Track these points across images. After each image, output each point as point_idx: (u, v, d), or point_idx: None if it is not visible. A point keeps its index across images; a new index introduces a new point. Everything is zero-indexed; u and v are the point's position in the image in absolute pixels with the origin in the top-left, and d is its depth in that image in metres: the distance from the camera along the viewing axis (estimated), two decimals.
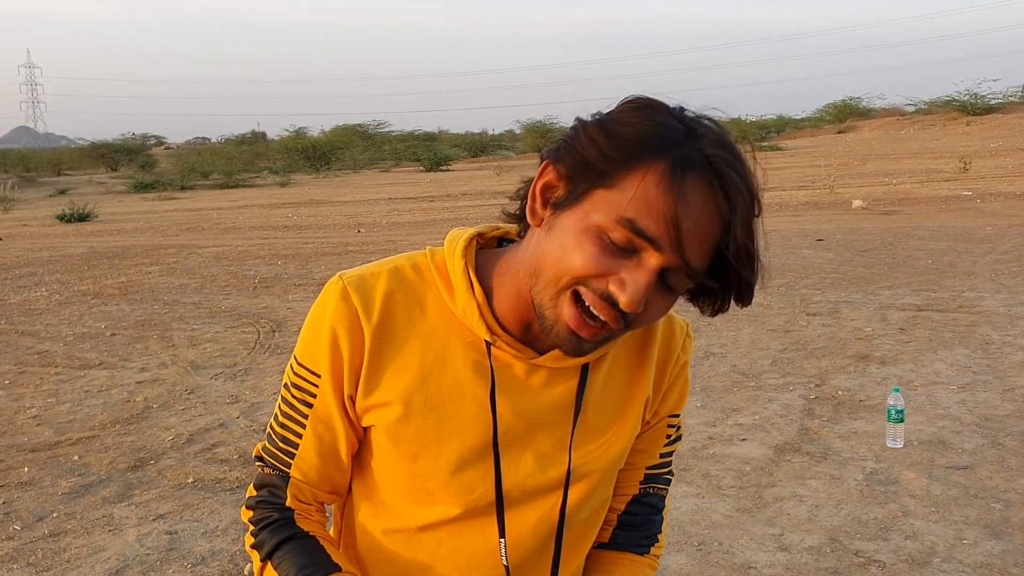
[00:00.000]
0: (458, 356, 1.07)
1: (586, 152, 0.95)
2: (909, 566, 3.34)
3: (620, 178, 0.93)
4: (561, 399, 1.10)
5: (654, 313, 0.99)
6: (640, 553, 1.25)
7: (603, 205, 0.94)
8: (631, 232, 0.92)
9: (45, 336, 7.79)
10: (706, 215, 0.93)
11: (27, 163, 47.74)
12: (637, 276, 0.93)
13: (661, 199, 0.91)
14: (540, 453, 1.10)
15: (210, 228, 17.51)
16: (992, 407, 5.03)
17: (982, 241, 11.02)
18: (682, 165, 0.92)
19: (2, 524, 4.01)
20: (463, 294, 1.06)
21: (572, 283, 0.95)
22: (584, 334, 0.97)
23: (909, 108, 50.31)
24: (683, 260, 0.93)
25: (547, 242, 0.98)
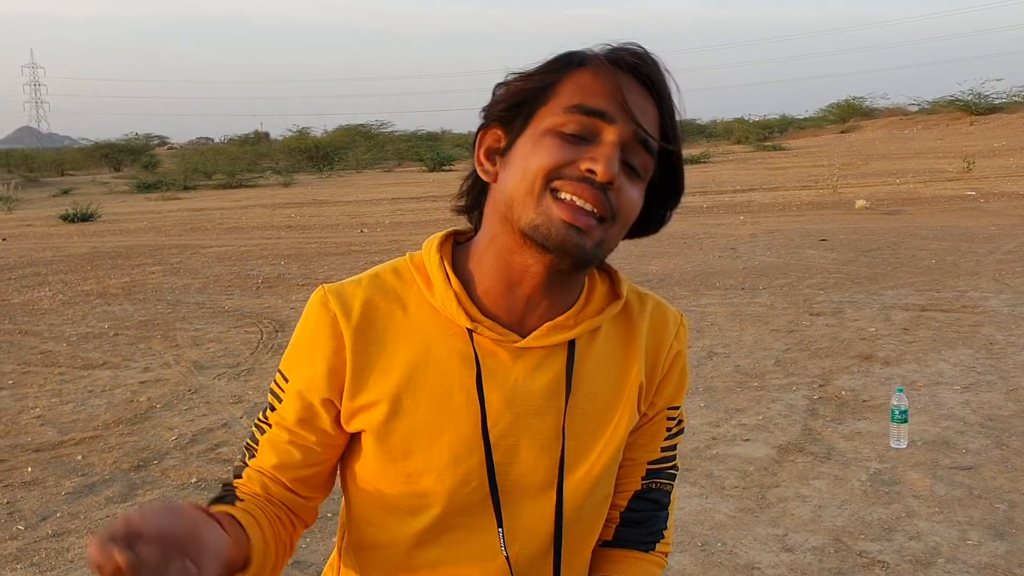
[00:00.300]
0: (443, 349, 1.08)
1: (516, 89, 1.03)
2: (913, 567, 3.34)
3: (554, 88, 1.01)
4: (551, 382, 1.09)
5: (630, 199, 1.01)
6: (645, 550, 1.21)
7: (547, 115, 1.00)
8: (582, 114, 0.98)
9: (49, 336, 7.79)
10: (640, 95, 1.01)
11: (31, 163, 47.79)
12: (603, 148, 0.98)
13: (601, 81, 1.00)
14: (535, 439, 1.09)
15: (213, 228, 17.52)
16: (996, 407, 5.02)
17: (986, 241, 11.01)
18: (611, 61, 1.01)
19: (6, 524, 4.01)
20: (440, 286, 1.08)
21: (546, 181, 0.98)
22: (580, 223, 0.97)
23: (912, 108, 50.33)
24: (637, 126, 0.99)
25: (507, 173, 1.03)
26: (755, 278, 9.20)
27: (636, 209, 1.03)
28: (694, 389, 5.55)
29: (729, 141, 46.96)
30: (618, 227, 1.02)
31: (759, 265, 9.99)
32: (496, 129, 1.06)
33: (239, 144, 59.46)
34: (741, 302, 8.04)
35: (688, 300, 8.18)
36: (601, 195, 0.98)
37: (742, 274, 9.47)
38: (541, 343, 1.08)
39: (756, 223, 14.00)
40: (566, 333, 1.08)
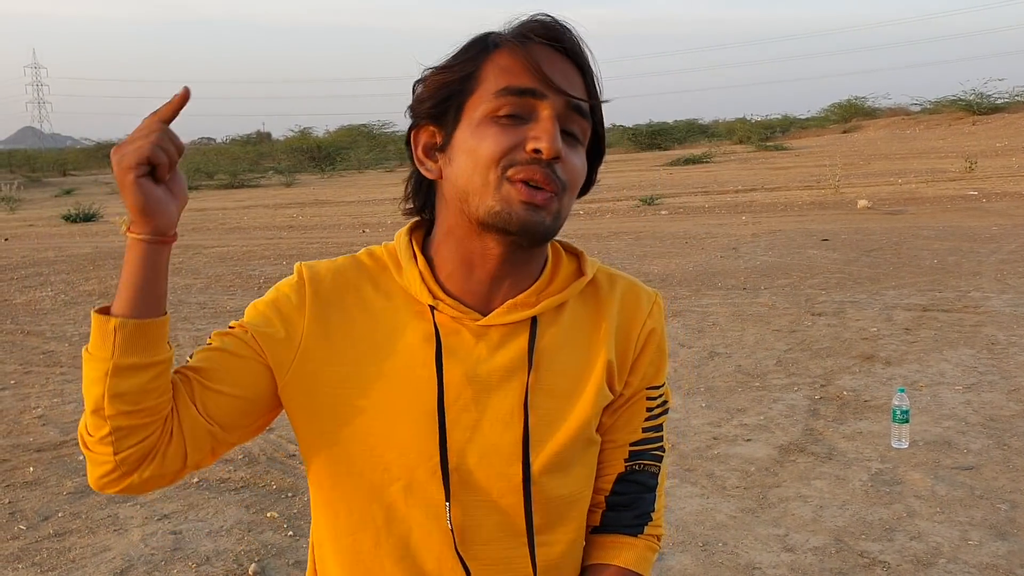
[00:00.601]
0: (409, 328, 1.10)
1: (438, 83, 1.06)
2: (914, 567, 3.33)
3: (477, 75, 1.04)
4: (513, 360, 1.10)
5: (575, 165, 1.05)
6: (633, 534, 1.18)
7: (479, 103, 1.03)
8: (512, 96, 1.01)
9: (51, 336, 7.80)
10: (562, 63, 1.04)
11: (33, 163, 47.92)
12: (543, 125, 1.01)
13: (519, 59, 1.02)
14: (497, 415, 1.09)
15: (215, 228, 17.54)
16: (997, 407, 5.02)
17: (988, 241, 11.00)
18: (521, 37, 1.04)
19: (7, 524, 4.02)
20: (407, 264, 1.11)
21: (500, 170, 1.01)
22: (538, 200, 1.01)
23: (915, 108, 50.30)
24: (567, 95, 1.02)
25: (455, 166, 1.05)
26: (757, 278, 9.20)
27: (582, 175, 1.08)
28: (695, 389, 5.55)
29: (731, 141, 46.93)
30: (569, 196, 1.06)
31: (761, 265, 9.98)
32: (429, 126, 1.08)
33: (241, 144, 59.51)
34: (743, 302, 8.04)
35: (689, 300, 8.18)
36: (550, 172, 1.01)
37: (744, 274, 9.47)
38: (502, 320, 1.09)
39: (758, 223, 13.99)
40: (528, 311, 1.10)
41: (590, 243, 12.31)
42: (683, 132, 50.12)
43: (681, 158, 34.14)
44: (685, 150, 40.85)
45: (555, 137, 1.00)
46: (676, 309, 7.81)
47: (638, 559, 1.18)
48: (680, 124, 52.10)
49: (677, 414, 5.13)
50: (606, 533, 1.19)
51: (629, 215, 16.59)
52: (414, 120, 1.09)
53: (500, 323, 1.10)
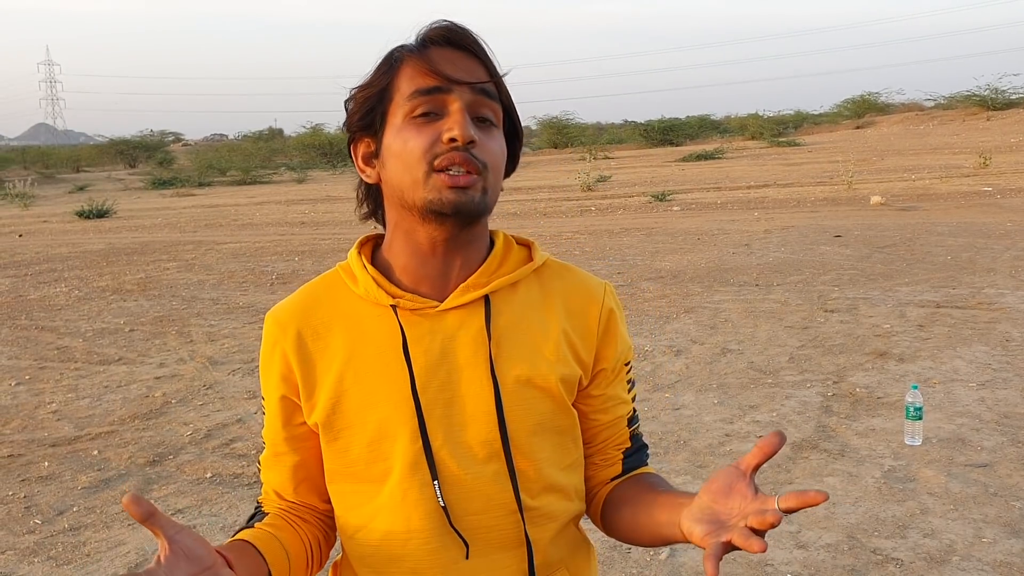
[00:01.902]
0: (373, 329, 1.20)
1: (360, 98, 1.18)
2: (927, 564, 3.32)
3: (392, 85, 1.16)
4: (475, 336, 1.19)
5: (492, 147, 1.15)
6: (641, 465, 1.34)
7: (398, 109, 1.15)
8: (423, 96, 1.13)
9: (65, 332, 7.84)
10: (459, 60, 1.15)
11: (46, 160, 48.13)
12: (453, 117, 1.13)
13: (419, 64, 1.14)
14: (470, 388, 1.19)
15: (227, 224, 17.59)
16: (1012, 405, 4.99)
17: (1002, 237, 10.94)
18: (419, 46, 1.16)
19: (23, 518, 4.05)
20: (360, 275, 1.22)
21: (427, 164, 1.12)
22: (462, 183, 1.12)
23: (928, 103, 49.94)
24: (468, 83, 1.13)
25: (389, 167, 1.17)
26: (769, 274, 9.17)
27: (501, 154, 1.18)
28: (708, 386, 5.54)
29: (743, 137, 46.77)
30: (493, 174, 1.15)
31: (773, 261, 9.95)
32: (363, 138, 1.21)
33: (253, 141, 59.68)
34: (755, 298, 8.01)
35: (702, 296, 8.17)
36: (468, 155, 1.11)
37: (756, 270, 9.44)
38: (458, 302, 1.19)
39: (770, 219, 13.95)
40: (480, 290, 1.20)
41: (601, 239, 12.30)
42: (695, 128, 49.95)
43: (693, 154, 34.03)
44: (697, 146, 40.73)
45: (464, 124, 1.12)
46: (688, 305, 7.79)
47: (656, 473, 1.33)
48: (692, 120, 51.89)
49: (689, 411, 5.12)
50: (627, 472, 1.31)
51: (641, 211, 16.56)
52: (350, 134, 1.22)
53: (457, 304, 1.19)
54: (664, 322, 7.20)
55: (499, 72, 1.19)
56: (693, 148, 38.65)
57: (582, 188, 21.99)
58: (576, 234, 13.16)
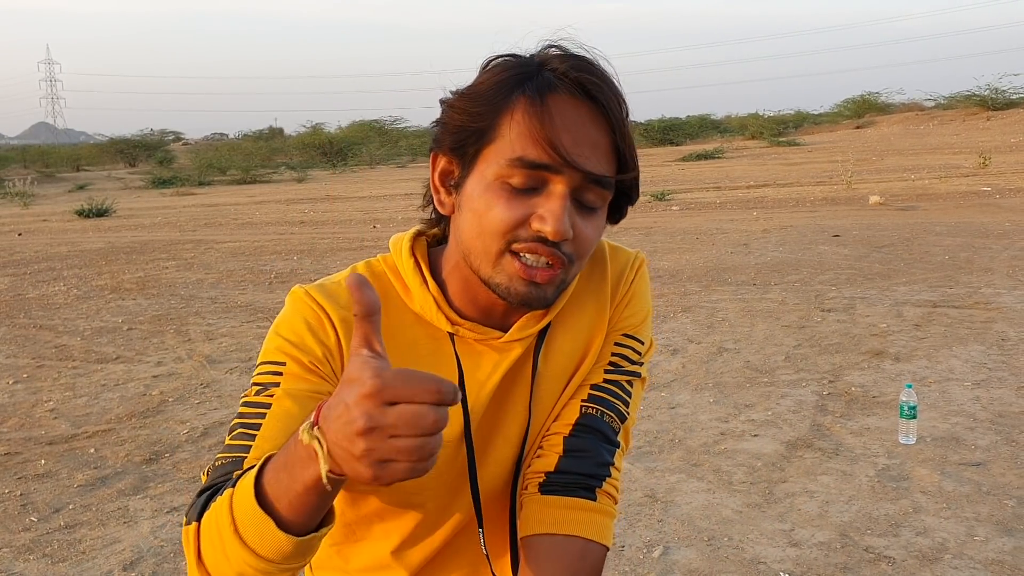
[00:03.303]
0: (427, 353, 1.08)
1: (457, 121, 1.00)
2: (920, 562, 3.33)
3: (495, 128, 0.97)
4: (527, 363, 1.11)
5: (588, 237, 1.01)
6: (591, 496, 1.07)
7: (493, 158, 0.98)
8: (524, 168, 0.96)
9: (63, 330, 7.86)
10: (583, 124, 0.96)
11: (46, 159, 48.12)
12: (551, 205, 0.96)
13: (535, 126, 0.95)
14: (513, 420, 1.11)
15: (227, 224, 17.60)
16: (1007, 404, 5.00)
17: (1000, 237, 10.94)
18: (539, 90, 0.96)
19: (19, 516, 4.06)
20: (418, 290, 1.08)
21: (504, 244, 0.98)
22: (539, 279, 0.98)
23: (929, 103, 49.92)
24: (584, 172, 0.96)
25: (463, 219, 1.02)
26: (767, 274, 9.19)
27: (594, 243, 1.03)
28: (704, 385, 5.55)
29: (743, 136, 46.78)
30: (577, 264, 1.02)
31: (771, 261, 9.96)
32: (445, 151, 1.04)
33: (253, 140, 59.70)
34: (752, 298, 8.03)
35: (699, 296, 8.18)
36: (555, 251, 0.97)
37: (754, 270, 9.45)
38: (523, 335, 1.09)
39: (769, 219, 13.95)
40: (545, 319, 1.10)
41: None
42: (695, 127, 49.96)
43: (693, 153, 34.04)
44: (697, 145, 40.73)
45: (562, 220, 0.95)
46: (686, 305, 7.81)
47: (600, 528, 1.06)
48: (692, 119, 51.91)
49: (685, 409, 5.13)
50: (560, 493, 1.06)
51: (640, 210, 16.56)
52: (434, 145, 1.06)
53: (520, 337, 1.09)
54: (661, 321, 7.21)
55: (633, 153, 1.00)
56: (693, 148, 38.67)
57: None
58: None
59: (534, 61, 1.00)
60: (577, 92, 0.96)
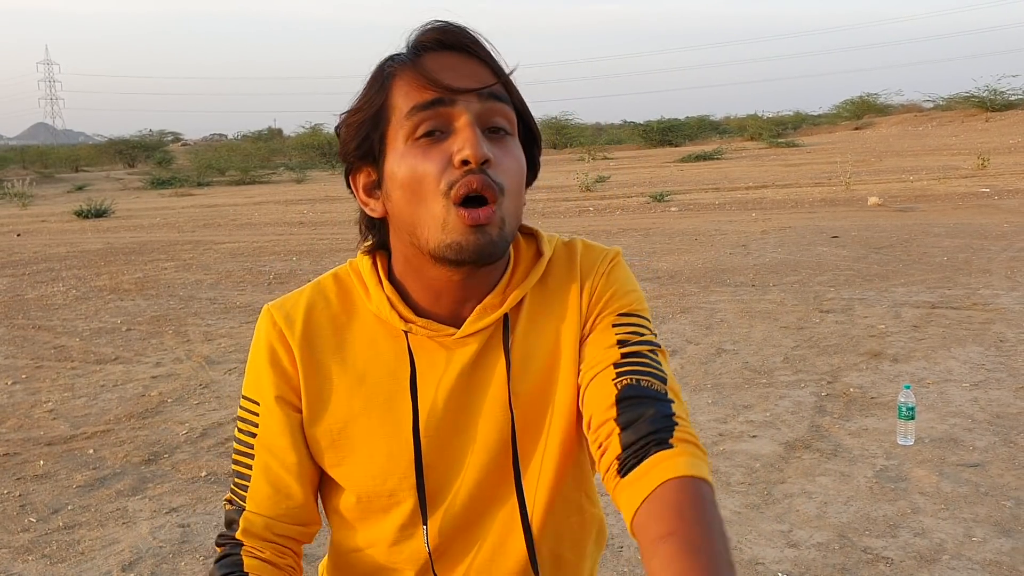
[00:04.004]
0: (385, 353, 1.10)
1: (354, 124, 1.05)
2: (917, 563, 3.34)
3: (386, 106, 1.03)
4: (492, 361, 1.10)
5: (509, 163, 1.03)
6: (666, 446, 0.95)
7: (396, 132, 1.02)
8: (421, 112, 1.00)
9: (62, 331, 7.86)
10: (458, 65, 1.01)
11: (45, 159, 48.12)
12: (462, 135, 0.99)
13: (414, 75, 1.01)
14: (487, 421, 1.09)
15: (226, 224, 17.60)
16: (1005, 405, 5.01)
17: (999, 238, 10.95)
18: (411, 54, 1.03)
19: (18, 516, 4.06)
20: (375, 290, 1.10)
21: (443, 197, 0.99)
22: (482, 219, 0.98)
23: (927, 104, 49.99)
24: (474, 90, 1.00)
25: (395, 202, 1.04)
26: (765, 275, 9.19)
27: (519, 168, 1.05)
28: (702, 386, 5.56)
29: (742, 137, 46.81)
30: (510, 197, 1.02)
31: (770, 262, 9.97)
32: (362, 167, 1.07)
33: (253, 140, 59.66)
34: (751, 299, 8.03)
35: (698, 296, 8.19)
36: (484, 177, 0.98)
37: (753, 271, 9.46)
38: (475, 328, 1.08)
39: (768, 220, 13.96)
40: (497, 312, 1.09)
41: (599, 239, 12.28)
42: (694, 128, 49.99)
43: (692, 154, 34.05)
44: (696, 147, 40.74)
45: (477, 142, 0.98)
46: (684, 306, 7.81)
47: (689, 463, 0.93)
48: (691, 120, 51.93)
49: None
50: (635, 465, 0.96)
51: (639, 211, 16.58)
52: (347, 165, 1.09)
53: (474, 331, 1.09)
54: (660, 322, 7.22)
55: (506, 71, 1.04)
56: (692, 149, 38.68)
57: (581, 188, 22.01)
58: (574, 235, 13.14)
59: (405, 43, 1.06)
60: (442, 46, 1.02)
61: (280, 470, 1.11)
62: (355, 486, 1.12)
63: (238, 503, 1.14)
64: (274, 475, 1.11)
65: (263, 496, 1.11)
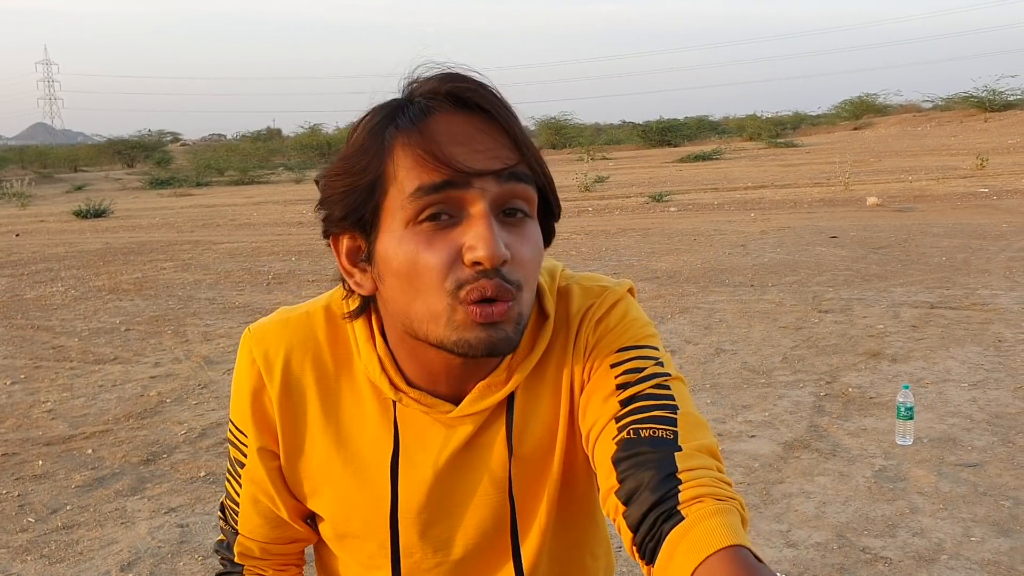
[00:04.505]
0: (371, 419, 0.99)
1: (342, 187, 0.90)
2: (916, 563, 3.34)
3: (383, 175, 0.87)
4: (492, 444, 0.99)
5: (527, 254, 0.88)
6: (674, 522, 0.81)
7: (395, 208, 0.87)
8: (427, 195, 0.84)
9: (60, 331, 7.85)
10: (472, 133, 0.86)
11: (44, 159, 48.13)
12: (475, 229, 0.84)
13: (420, 152, 0.84)
14: (482, 506, 1.01)
15: (225, 224, 17.60)
16: (1003, 405, 5.01)
17: (997, 238, 10.96)
18: (413, 117, 0.86)
19: (16, 516, 4.06)
20: (365, 347, 0.98)
21: (448, 296, 0.85)
22: (496, 316, 0.85)
23: (926, 104, 50.01)
24: (492, 172, 0.85)
25: (388, 290, 0.90)
26: (764, 275, 9.20)
27: (538, 255, 0.91)
28: (701, 386, 5.56)
29: (741, 138, 46.82)
30: (528, 291, 0.89)
31: (769, 262, 9.97)
32: (342, 226, 0.93)
33: (252, 141, 59.63)
34: (750, 299, 8.04)
35: (696, 297, 8.19)
36: (499, 281, 0.84)
37: (751, 271, 9.46)
38: (476, 409, 0.97)
39: (767, 220, 13.97)
40: (501, 390, 0.97)
41: (598, 240, 12.32)
42: (694, 129, 49.98)
43: (691, 155, 34.05)
44: (695, 147, 40.73)
45: (493, 241, 0.83)
46: (683, 306, 7.81)
47: (708, 535, 0.78)
48: (691, 121, 51.92)
49: None
50: (655, 548, 0.83)
51: (638, 212, 16.58)
52: (327, 229, 0.95)
53: (472, 412, 0.97)
54: (659, 322, 7.22)
55: (529, 139, 0.88)
56: (691, 149, 38.69)
57: (580, 189, 22.02)
58: (573, 235, 13.18)
59: (402, 93, 0.91)
60: (455, 105, 0.86)
61: (268, 503, 1.06)
62: (333, 536, 1.07)
63: (231, 524, 1.11)
64: (263, 507, 1.07)
65: (254, 525, 1.09)
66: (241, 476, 1.07)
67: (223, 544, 1.14)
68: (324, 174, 0.93)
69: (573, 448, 1.01)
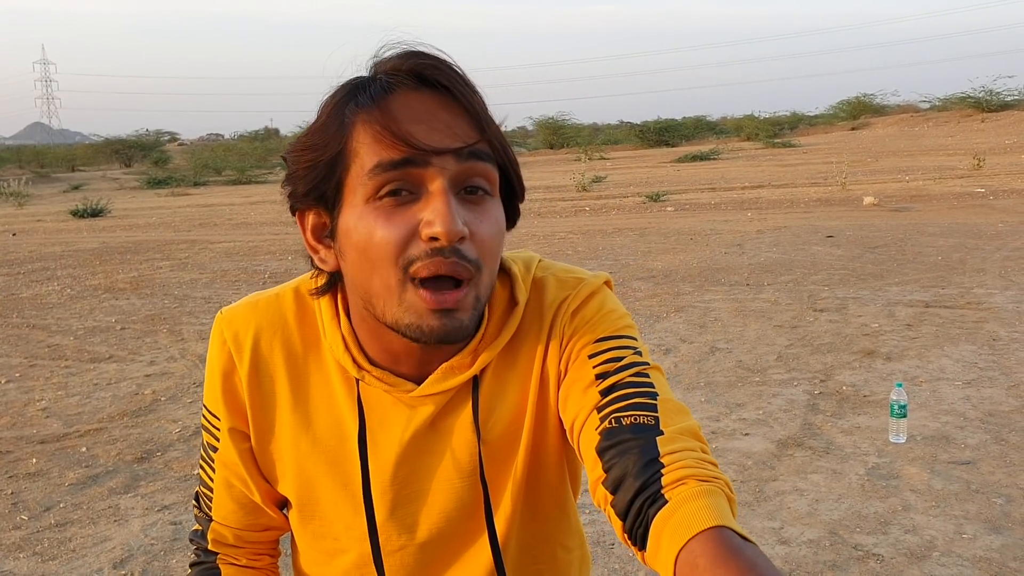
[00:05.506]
0: (338, 398, 1.00)
1: (306, 163, 0.90)
2: (908, 560, 3.35)
3: (345, 152, 0.87)
4: (458, 425, 0.99)
5: (488, 231, 0.89)
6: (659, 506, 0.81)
7: (356, 184, 0.87)
8: (387, 172, 0.85)
9: (56, 330, 7.85)
10: (432, 111, 0.86)
11: (42, 159, 48.12)
12: (433, 204, 0.85)
13: (380, 128, 0.85)
14: (447, 488, 1.00)
15: (222, 224, 17.60)
16: (997, 403, 5.02)
17: (993, 238, 10.97)
18: (374, 95, 0.87)
19: (10, 514, 4.06)
20: (330, 326, 0.99)
21: (401, 270, 0.86)
22: (449, 304, 0.86)
23: (924, 105, 50.05)
24: (451, 151, 0.85)
25: (349, 263, 0.91)
26: (760, 274, 9.20)
27: (498, 233, 0.91)
28: (695, 384, 5.56)
29: (738, 138, 46.85)
30: (487, 272, 0.89)
31: (765, 261, 9.98)
32: (306, 203, 0.93)
33: (249, 140, 59.60)
34: (745, 298, 8.04)
35: (692, 296, 8.19)
36: (455, 260, 0.85)
37: (747, 270, 9.47)
38: (438, 389, 0.97)
39: (763, 219, 13.98)
40: (465, 373, 0.97)
41: (595, 239, 12.33)
42: (691, 129, 49.99)
43: (689, 155, 34.07)
44: (693, 147, 40.74)
45: (450, 216, 0.83)
46: (679, 305, 7.82)
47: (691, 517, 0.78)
48: (688, 121, 51.93)
49: None
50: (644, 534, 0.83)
51: (635, 211, 16.59)
52: (293, 205, 0.94)
53: (433, 392, 0.97)
54: (654, 321, 7.23)
55: (491, 118, 0.89)
56: (689, 149, 38.70)
57: (577, 188, 22.02)
58: (569, 234, 13.19)
59: (367, 71, 0.91)
60: (417, 82, 0.87)
61: (242, 487, 1.06)
62: (300, 521, 1.06)
63: (205, 511, 1.11)
64: (237, 492, 1.07)
65: (228, 511, 1.08)
66: (214, 460, 1.07)
67: (197, 533, 1.14)
68: (290, 150, 0.93)
69: (542, 438, 1.01)
